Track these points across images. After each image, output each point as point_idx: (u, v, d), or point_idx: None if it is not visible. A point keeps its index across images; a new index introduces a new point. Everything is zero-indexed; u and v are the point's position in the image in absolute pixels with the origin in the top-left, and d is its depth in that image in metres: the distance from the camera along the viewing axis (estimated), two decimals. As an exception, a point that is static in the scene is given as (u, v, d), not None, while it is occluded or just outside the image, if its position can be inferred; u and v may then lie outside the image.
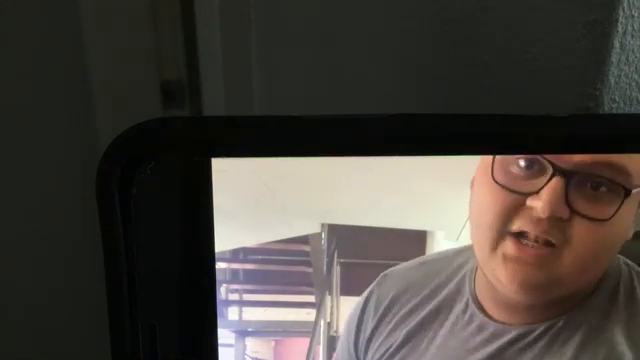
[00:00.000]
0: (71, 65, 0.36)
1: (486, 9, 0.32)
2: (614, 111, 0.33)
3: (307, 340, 0.33)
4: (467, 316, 0.29)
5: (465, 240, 0.31)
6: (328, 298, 0.32)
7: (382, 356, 0.30)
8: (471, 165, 0.27)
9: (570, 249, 0.27)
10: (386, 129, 0.25)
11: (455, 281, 0.30)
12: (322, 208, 0.29)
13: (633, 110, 0.33)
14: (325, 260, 0.31)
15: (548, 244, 0.27)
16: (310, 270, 0.32)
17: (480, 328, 0.29)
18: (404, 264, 0.30)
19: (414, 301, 0.30)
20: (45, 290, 0.41)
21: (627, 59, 0.32)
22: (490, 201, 0.27)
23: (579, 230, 0.26)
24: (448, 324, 0.29)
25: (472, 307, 0.29)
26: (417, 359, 0.30)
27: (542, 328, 0.28)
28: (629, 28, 0.31)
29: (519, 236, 0.27)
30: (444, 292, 0.30)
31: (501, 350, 0.29)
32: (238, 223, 0.28)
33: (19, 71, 0.37)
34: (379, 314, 0.30)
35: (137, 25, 0.35)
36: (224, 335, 0.29)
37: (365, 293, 0.31)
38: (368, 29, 0.34)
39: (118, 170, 0.25)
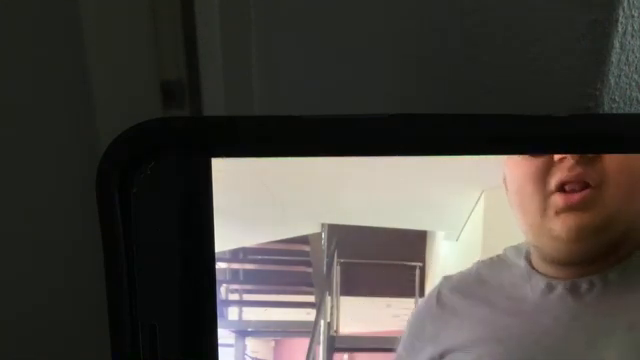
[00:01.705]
0: (71, 65, 0.36)
1: (486, 9, 0.32)
2: (614, 111, 0.33)
3: (307, 340, 0.33)
4: (534, 281, 0.30)
5: (465, 240, 0.31)
6: (328, 298, 0.32)
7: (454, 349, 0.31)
8: (471, 165, 0.27)
9: (606, 186, 0.28)
10: (386, 129, 0.25)
11: (508, 268, 0.31)
12: (322, 208, 0.29)
13: (633, 110, 0.33)
14: (325, 260, 0.31)
15: (586, 186, 0.28)
16: (310, 270, 0.32)
17: (550, 288, 0.30)
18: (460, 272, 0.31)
19: (476, 288, 0.31)
20: (45, 290, 0.41)
21: (627, 59, 0.32)
22: (525, 172, 0.28)
23: (610, 166, 0.28)
24: (517, 295, 0.30)
25: (532, 272, 0.30)
26: (496, 334, 0.30)
27: (594, 279, 0.29)
28: (629, 28, 0.31)
29: (562, 189, 0.28)
30: (502, 275, 0.31)
31: (577, 301, 0.30)
32: (238, 223, 0.28)
33: (19, 71, 0.37)
34: (436, 308, 0.31)
35: (137, 25, 0.35)
36: (224, 335, 0.29)
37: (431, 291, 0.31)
38: (368, 29, 0.34)
39: (118, 170, 0.25)
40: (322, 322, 0.33)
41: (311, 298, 0.32)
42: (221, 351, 0.28)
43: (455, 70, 0.33)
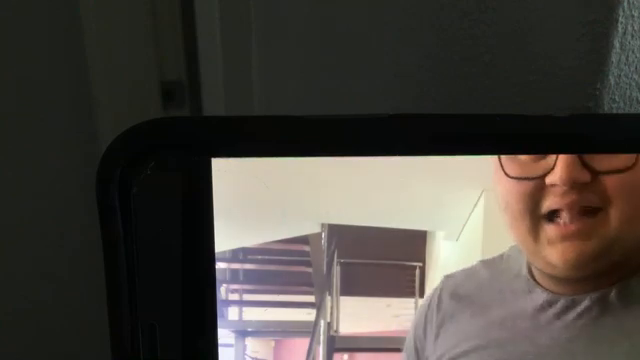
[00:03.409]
0: (71, 65, 0.36)
1: (486, 9, 0.32)
2: (614, 111, 0.33)
3: (307, 340, 0.33)
4: (534, 295, 0.29)
5: (465, 240, 0.31)
6: (328, 298, 0.32)
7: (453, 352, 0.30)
8: (471, 165, 0.27)
9: (612, 208, 0.26)
10: (386, 129, 0.25)
11: (509, 272, 0.30)
12: (322, 208, 0.29)
13: (633, 110, 0.33)
14: (325, 260, 0.31)
15: (587, 212, 0.26)
16: (310, 270, 0.32)
17: (550, 303, 0.29)
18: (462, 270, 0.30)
19: (476, 294, 0.30)
20: (45, 290, 0.41)
21: (627, 59, 0.32)
22: (513, 195, 0.27)
23: (610, 186, 0.26)
24: (514, 307, 0.29)
25: (532, 284, 0.29)
26: (489, 344, 0.30)
27: (595, 296, 0.28)
28: (629, 28, 0.31)
29: (553, 216, 0.27)
30: (501, 282, 0.30)
31: (575, 319, 0.28)
32: (238, 223, 0.28)
33: (19, 72, 0.37)
34: (436, 313, 0.30)
35: (137, 25, 0.35)
36: (224, 335, 0.29)
37: (432, 292, 0.31)
38: (368, 29, 0.34)
39: (118, 170, 0.25)
40: (322, 322, 0.33)
41: (311, 298, 0.32)
42: (221, 351, 0.28)
43: (455, 70, 0.33)
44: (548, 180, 0.26)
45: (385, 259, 0.32)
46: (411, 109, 0.25)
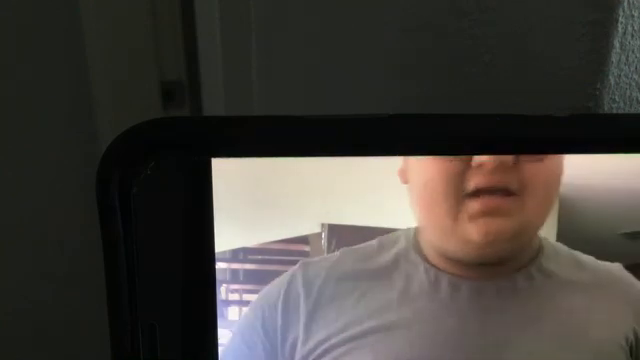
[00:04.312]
0: (71, 65, 0.36)
1: (486, 9, 0.32)
2: (614, 111, 0.33)
3: (307, 340, 0.32)
4: (432, 279, 0.30)
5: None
6: (328, 298, 0.32)
7: (329, 346, 0.30)
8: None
9: (528, 192, 0.28)
10: (386, 129, 0.25)
11: (391, 261, 0.30)
12: (322, 208, 0.29)
13: (633, 110, 0.33)
14: (325, 260, 0.31)
15: (507, 193, 0.27)
16: (310, 270, 0.32)
17: (455, 287, 0.29)
18: (322, 257, 0.30)
19: (359, 286, 0.30)
20: (45, 290, 0.41)
21: (627, 59, 0.32)
22: (438, 175, 0.28)
23: (528, 172, 0.27)
24: (415, 292, 0.30)
25: (432, 270, 0.30)
26: (392, 333, 0.30)
27: (501, 283, 0.29)
28: (629, 28, 0.31)
29: (477, 194, 0.28)
30: (390, 273, 0.30)
31: (489, 302, 0.29)
32: (238, 223, 0.28)
33: (19, 71, 0.37)
34: (312, 303, 0.30)
35: (137, 25, 0.35)
36: (224, 335, 0.29)
37: (285, 279, 0.30)
38: (368, 29, 0.34)
39: (118, 170, 0.25)
40: (322, 322, 0.32)
41: (311, 298, 0.32)
42: (221, 351, 0.28)
43: (455, 70, 0.33)
44: (475, 159, 0.27)
45: (385, 259, 0.32)
46: (411, 109, 0.25)
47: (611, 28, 0.31)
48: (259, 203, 0.28)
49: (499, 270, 0.29)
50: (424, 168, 0.28)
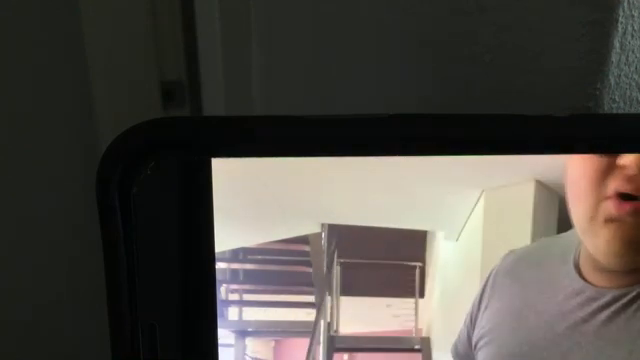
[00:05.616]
0: (71, 65, 0.36)
1: (486, 9, 0.32)
2: (614, 111, 0.33)
3: (307, 340, 0.33)
4: (567, 282, 0.29)
5: (465, 240, 0.31)
6: (328, 298, 0.32)
7: (488, 325, 0.31)
8: (471, 165, 0.27)
9: None
10: (386, 129, 0.25)
11: (560, 255, 0.30)
12: (322, 208, 0.29)
13: (633, 110, 0.33)
14: (325, 260, 0.31)
15: None
16: (310, 270, 0.32)
17: (578, 292, 0.29)
18: (528, 245, 0.30)
19: (524, 274, 0.30)
20: (45, 290, 0.41)
21: (627, 59, 0.32)
22: (584, 171, 0.27)
23: None
24: (550, 292, 0.30)
25: (572, 273, 0.29)
26: (518, 326, 0.30)
27: (637, 291, 0.28)
28: (629, 28, 0.31)
29: (617, 197, 0.27)
30: (550, 264, 0.30)
31: (595, 313, 0.29)
32: (238, 223, 0.28)
33: (19, 72, 0.37)
34: (491, 287, 0.31)
35: (137, 25, 0.35)
36: (224, 335, 0.29)
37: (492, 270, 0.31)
38: (368, 29, 0.34)
39: (118, 170, 0.25)
40: (322, 322, 0.33)
41: (311, 298, 0.32)
42: (221, 351, 0.28)
43: (455, 70, 0.33)
44: (620, 161, 0.27)
45: (385, 259, 0.32)
46: (411, 109, 0.25)
47: (611, 28, 0.31)
48: (259, 203, 0.28)
49: (627, 280, 0.28)
50: (573, 168, 0.27)
